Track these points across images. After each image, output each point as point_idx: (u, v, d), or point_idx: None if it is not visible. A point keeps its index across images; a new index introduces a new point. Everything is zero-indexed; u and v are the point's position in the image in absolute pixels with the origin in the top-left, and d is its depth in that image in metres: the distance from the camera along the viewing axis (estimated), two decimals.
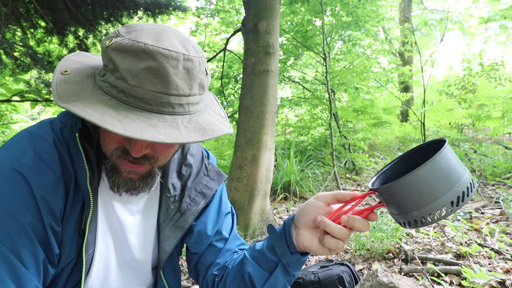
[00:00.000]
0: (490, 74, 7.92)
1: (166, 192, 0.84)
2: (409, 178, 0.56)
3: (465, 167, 0.60)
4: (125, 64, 0.61)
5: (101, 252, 0.79)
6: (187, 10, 3.63)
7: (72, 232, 0.72)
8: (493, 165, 3.99)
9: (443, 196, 0.56)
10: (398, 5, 8.32)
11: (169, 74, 0.61)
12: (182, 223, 0.83)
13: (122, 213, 0.81)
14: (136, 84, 0.61)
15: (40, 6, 2.79)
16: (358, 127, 6.69)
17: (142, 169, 0.72)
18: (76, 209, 0.72)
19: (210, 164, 0.92)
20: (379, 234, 2.27)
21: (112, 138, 0.69)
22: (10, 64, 3.10)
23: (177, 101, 0.64)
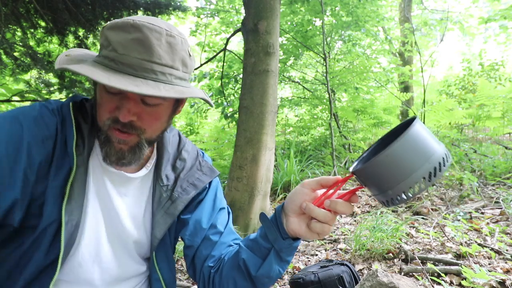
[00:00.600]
0: (490, 74, 7.92)
1: (160, 182, 0.89)
2: (379, 159, 0.58)
3: (440, 142, 0.61)
4: (116, 37, 0.72)
5: (90, 223, 0.81)
6: (187, 10, 3.63)
7: (57, 192, 0.76)
8: (493, 165, 3.98)
9: (415, 173, 0.57)
10: (398, 5, 8.32)
11: (153, 44, 0.72)
12: (173, 210, 0.87)
13: (113, 193, 0.85)
14: (125, 53, 0.71)
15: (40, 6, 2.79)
16: (358, 127, 6.69)
17: (131, 139, 0.78)
18: (62, 172, 0.77)
19: (204, 161, 0.97)
20: (379, 234, 2.27)
21: (105, 107, 0.76)
22: (10, 64, 3.09)
23: (160, 69, 0.73)
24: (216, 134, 6.99)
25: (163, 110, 0.81)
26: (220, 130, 6.80)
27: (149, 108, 0.78)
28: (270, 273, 0.79)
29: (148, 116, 0.78)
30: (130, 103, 0.75)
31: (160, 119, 0.81)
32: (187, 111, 7.30)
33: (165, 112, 0.82)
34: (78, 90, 3.43)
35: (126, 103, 0.75)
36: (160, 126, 0.83)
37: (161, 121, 0.82)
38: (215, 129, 7.13)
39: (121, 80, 0.68)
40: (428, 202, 3.26)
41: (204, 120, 7.64)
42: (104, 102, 0.76)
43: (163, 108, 0.81)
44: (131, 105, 0.75)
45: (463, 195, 3.39)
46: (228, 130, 6.62)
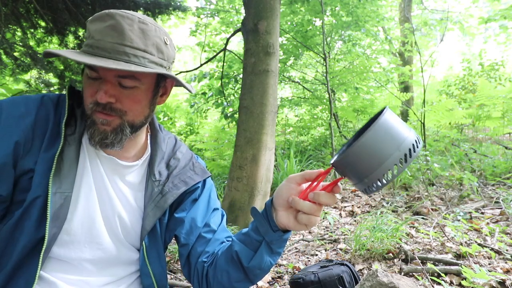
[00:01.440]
0: (490, 74, 7.91)
1: (152, 177, 0.93)
2: (353, 150, 0.61)
3: (410, 129, 0.64)
4: (94, 27, 0.80)
5: (84, 199, 0.85)
6: (187, 10, 3.63)
7: (46, 165, 0.79)
8: (493, 165, 3.98)
9: (387, 160, 0.60)
10: (398, 5, 8.31)
11: (124, 29, 0.78)
12: (162, 203, 0.91)
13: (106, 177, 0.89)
14: (100, 38, 0.78)
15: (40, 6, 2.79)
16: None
17: (112, 119, 0.83)
18: (54, 148, 0.81)
19: (197, 163, 1.02)
20: (379, 234, 2.27)
21: (87, 92, 0.82)
22: (10, 64, 3.10)
23: (132, 52, 0.79)
24: (216, 134, 6.98)
25: (141, 94, 0.85)
26: (220, 130, 6.80)
27: (127, 91, 0.82)
28: (261, 265, 0.82)
29: (127, 98, 0.83)
30: (107, 85, 0.81)
31: (139, 102, 0.85)
32: (187, 111, 7.29)
33: (145, 96, 0.86)
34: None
35: (103, 86, 0.81)
36: (141, 110, 0.87)
37: (141, 105, 0.86)
38: (215, 129, 7.13)
39: (92, 61, 0.74)
40: (428, 202, 3.26)
41: (204, 120, 7.64)
42: (87, 87, 0.82)
43: (141, 92, 0.85)
44: (108, 87, 0.81)
45: (463, 195, 3.39)
46: (228, 130, 6.62)
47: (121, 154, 0.91)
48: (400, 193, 3.74)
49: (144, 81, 0.84)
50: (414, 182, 3.89)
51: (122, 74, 0.81)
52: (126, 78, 0.81)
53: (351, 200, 3.83)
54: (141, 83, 0.84)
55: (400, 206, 3.35)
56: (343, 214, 3.36)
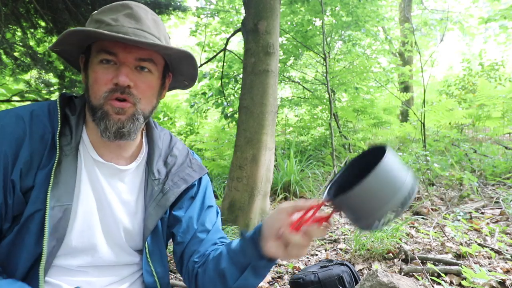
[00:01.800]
0: (490, 74, 7.91)
1: (151, 176, 0.93)
2: (354, 192, 0.60)
3: (407, 171, 0.64)
4: (108, 16, 0.81)
5: (83, 210, 0.83)
6: (187, 10, 3.63)
7: (44, 179, 0.78)
8: (493, 165, 3.98)
9: (387, 203, 0.60)
10: (398, 5, 8.32)
11: (142, 17, 0.83)
12: (164, 202, 0.91)
13: (105, 183, 0.87)
14: (118, 24, 0.79)
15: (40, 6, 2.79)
16: (358, 127, 6.69)
17: (128, 107, 0.82)
18: (51, 161, 0.80)
19: (194, 159, 1.02)
20: (379, 234, 2.27)
21: (101, 81, 0.81)
22: (10, 64, 3.09)
23: (151, 38, 0.82)
24: (216, 134, 6.98)
25: (154, 80, 0.87)
26: (220, 130, 6.80)
27: (143, 76, 0.83)
28: (246, 286, 0.82)
29: (143, 83, 0.83)
30: (127, 68, 0.81)
31: (152, 89, 0.87)
32: (187, 111, 7.29)
33: (156, 83, 0.88)
34: (78, 90, 3.43)
35: (123, 69, 0.81)
36: (152, 99, 0.88)
37: (153, 92, 0.87)
38: (215, 129, 7.12)
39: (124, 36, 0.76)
40: (428, 202, 3.26)
41: (204, 120, 7.63)
42: (100, 75, 0.81)
43: (155, 78, 0.87)
44: (128, 70, 0.81)
45: (463, 195, 3.39)
46: (228, 130, 6.62)
47: (119, 156, 0.90)
48: None
49: (158, 68, 0.87)
50: None
51: (143, 57, 0.82)
52: (145, 61, 0.83)
53: None
54: (156, 69, 0.86)
55: None
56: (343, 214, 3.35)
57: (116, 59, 0.81)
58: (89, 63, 0.85)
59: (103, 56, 0.81)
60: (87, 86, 0.85)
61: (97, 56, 0.81)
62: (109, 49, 0.80)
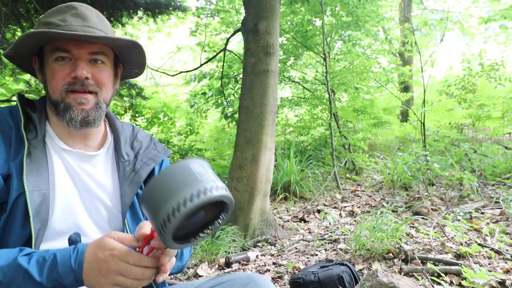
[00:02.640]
0: (490, 74, 7.91)
1: (122, 159, 1.00)
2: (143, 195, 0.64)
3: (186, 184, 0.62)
4: (55, 17, 0.88)
5: (62, 194, 0.88)
6: (187, 10, 3.63)
7: (18, 168, 0.83)
8: (493, 165, 3.98)
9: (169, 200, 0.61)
10: (398, 5, 8.31)
11: (87, 15, 0.90)
12: (137, 179, 0.98)
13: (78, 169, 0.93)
14: (67, 24, 0.87)
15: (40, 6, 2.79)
16: (358, 127, 6.69)
17: (90, 98, 0.90)
18: (21, 152, 0.85)
19: (158, 143, 1.11)
20: (379, 234, 2.27)
21: (58, 76, 0.88)
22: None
23: (99, 32, 0.89)
24: (216, 134, 6.98)
25: (109, 70, 0.95)
26: (220, 130, 6.80)
27: (98, 67, 0.91)
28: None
29: (98, 74, 0.91)
30: (82, 62, 0.88)
31: (108, 78, 0.95)
32: (187, 111, 7.29)
33: (110, 73, 0.96)
34: None
35: (79, 62, 0.88)
36: (110, 87, 0.96)
37: (110, 81, 0.96)
38: (215, 129, 7.12)
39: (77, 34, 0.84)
40: (428, 202, 3.26)
41: (204, 120, 7.63)
42: (57, 72, 0.88)
43: (108, 69, 0.95)
44: (84, 64, 0.88)
45: (463, 195, 3.39)
46: (228, 130, 6.62)
47: (86, 144, 0.97)
48: (400, 193, 3.74)
49: (110, 59, 0.95)
50: (414, 182, 3.89)
51: (95, 50, 0.90)
52: (98, 54, 0.90)
53: (351, 200, 3.83)
54: (108, 60, 0.94)
55: (400, 206, 3.35)
56: (343, 214, 3.36)
57: (70, 55, 0.88)
58: (45, 63, 0.92)
59: (58, 54, 0.88)
60: (46, 84, 0.92)
61: (52, 55, 0.88)
62: (63, 47, 0.87)
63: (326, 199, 3.89)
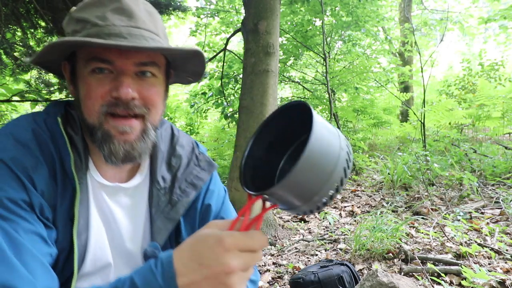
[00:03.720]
0: (490, 74, 7.92)
1: (156, 185, 0.82)
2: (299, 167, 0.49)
3: (337, 132, 0.55)
4: (93, 13, 0.68)
5: (96, 241, 0.77)
6: (187, 10, 3.62)
7: (65, 218, 0.70)
8: (493, 165, 3.98)
9: (328, 181, 0.51)
10: (398, 5, 8.32)
11: (134, 10, 0.69)
12: (174, 214, 0.81)
13: (112, 204, 0.79)
14: (108, 23, 0.66)
15: (40, 6, 2.79)
16: (358, 127, 6.69)
17: (135, 125, 0.70)
18: (67, 195, 0.70)
19: (201, 154, 0.90)
20: (379, 234, 2.27)
21: (96, 94, 0.68)
22: (10, 64, 3.09)
23: (149, 35, 0.69)
24: (216, 134, 6.98)
25: (160, 84, 0.74)
26: (220, 130, 6.80)
27: (146, 82, 0.71)
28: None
29: (147, 91, 0.71)
30: (128, 77, 0.68)
31: (159, 95, 0.74)
32: (187, 111, 7.29)
33: (161, 88, 0.75)
34: None
35: (123, 78, 0.67)
36: (160, 105, 0.75)
37: (161, 99, 0.75)
38: (215, 129, 7.13)
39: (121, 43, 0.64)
40: (428, 202, 3.26)
41: (204, 120, 7.64)
42: (94, 88, 0.68)
43: (160, 82, 0.74)
44: (129, 80, 0.68)
45: (463, 195, 3.39)
46: (228, 130, 6.62)
47: (122, 170, 0.81)
48: (400, 193, 3.74)
49: (161, 70, 0.74)
50: (414, 182, 3.89)
51: (145, 60, 0.69)
52: (147, 65, 0.70)
53: (351, 200, 3.83)
54: (159, 71, 0.73)
55: (400, 206, 3.35)
56: (343, 214, 3.35)
57: (111, 67, 0.68)
58: (77, 72, 0.72)
59: (95, 64, 0.68)
60: (78, 100, 0.72)
61: (87, 65, 0.68)
62: (102, 56, 0.67)
63: None
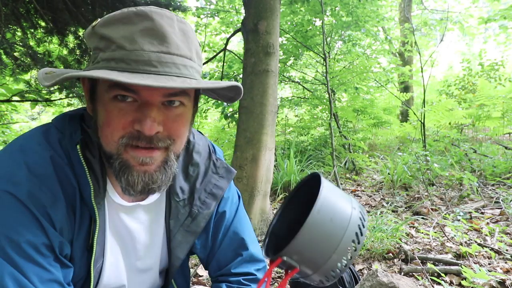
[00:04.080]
0: (490, 74, 7.91)
1: (175, 197, 0.78)
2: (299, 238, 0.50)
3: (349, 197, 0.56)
4: (119, 32, 0.58)
5: (110, 264, 0.75)
6: (187, 10, 3.62)
7: (82, 248, 0.68)
8: (493, 165, 3.98)
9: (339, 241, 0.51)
10: (398, 5, 8.32)
11: (167, 32, 0.59)
12: (195, 227, 0.79)
13: (129, 222, 0.76)
14: (136, 48, 0.57)
15: (40, 6, 2.79)
16: (358, 127, 6.69)
17: (158, 155, 0.64)
18: (84, 225, 0.68)
19: (218, 160, 0.86)
20: (379, 234, 2.27)
21: (117, 124, 0.61)
22: (10, 64, 3.09)
23: (181, 61, 0.60)
24: (216, 134, 6.98)
25: (187, 113, 0.68)
26: (220, 130, 6.80)
27: (173, 112, 0.64)
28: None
29: (173, 122, 0.64)
30: (153, 110, 0.61)
31: (186, 125, 0.68)
32: None
33: (188, 116, 0.69)
34: (78, 90, 3.43)
35: (149, 111, 0.60)
36: (186, 134, 0.69)
37: (186, 128, 0.68)
38: (215, 129, 7.13)
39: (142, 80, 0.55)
40: (428, 202, 3.26)
41: (204, 120, 7.64)
42: (115, 117, 0.61)
43: (187, 111, 0.68)
44: (155, 112, 0.61)
45: (463, 195, 3.39)
46: (228, 130, 6.62)
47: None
48: (400, 193, 3.74)
49: (191, 98, 0.68)
50: (414, 182, 3.89)
51: (175, 92, 0.62)
52: (177, 95, 0.63)
53: None
54: (189, 99, 0.67)
55: (400, 206, 3.35)
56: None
57: (136, 96, 0.61)
58: (97, 94, 0.65)
59: (118, 92, 0.61)
60: (96, 123, 0.66)
61: (110, 90, 0.61)
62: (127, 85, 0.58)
63: None
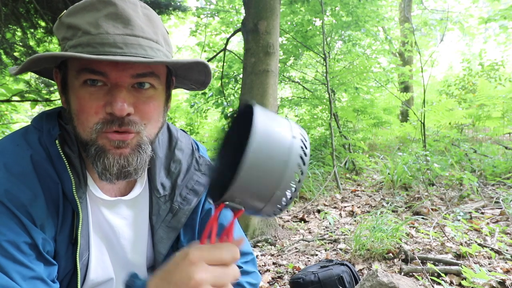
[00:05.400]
0: (490, 74, 7.92)
1: (156, 193, 0.79)
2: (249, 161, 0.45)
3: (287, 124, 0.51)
4: (84, 19, 0.61)
5: (96, 258, 0.76)
6: (187, 10, 3.63)
7: (66, 242, 0.68)
8: (493, 165, 3.98)
9: (289, 161, 0.48)
10: (398, 5, 8.31)
11: (131, 15, 0.61)
12: (175, 223, 0.80)
13: (111, 218, 0.77)
14: (101, 31, 0.59)
15: (40, 6, 2.79)
16: (358, 127, 6.69)
17: (131, 137, 0.65)
18: (67, 219, 0.68)
19: (201, 157, 0.86)
20: (379, 234, 2.27)
21: (90, 110, 0.63)
22: (10, 64, 3.09)
23: (147, 43, 0.62)
24: (216, 134, 6.98)
25: (159, 96, 0.69)
26: (220, 130, 6.79)
27: (143, 94, 0.65)
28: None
29: (144, 104, 0.65)
30: (123, 91, 0.62)
31: (158, 108, 0.69)
32: (187, 111, 7.29)
33: (160, 99, 0.70)
34: None
35: (118, 92, 0.61)
36: (159, 119, 0.70)
37: (159, 112, 0.69)
38: (215, 129, 7.13)
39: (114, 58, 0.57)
40: (428, 202, 3.26)
41: (204, 120, 7.63)
42: (87, 102, 0.62)
43: (159, 94, 0.68)
44: (124, 93, 0.62)
45: (463, 195, 3.39)
46: None
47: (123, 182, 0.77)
48: (400, 193, 3.74)
49: (161, 79, 0.68)
50: (414, 182, 3.89)
51: (142, 72, 0.63)
52: (145, 76, 0.64)
53: (351, 200, 3.83)
54: (159, 81, 0.67)
55: (400, 206, 3.35)
56: (343, 214, 3.36)
57: (105, 79, 0.62)
58: (68, 83, 0.66)
59: (86, 76, 0.62)
60: (70, 113, 0.66)
61: (79, 76, 0.62)
62: (94, 67, 0.61)
63: (326, 199, 3.88)
